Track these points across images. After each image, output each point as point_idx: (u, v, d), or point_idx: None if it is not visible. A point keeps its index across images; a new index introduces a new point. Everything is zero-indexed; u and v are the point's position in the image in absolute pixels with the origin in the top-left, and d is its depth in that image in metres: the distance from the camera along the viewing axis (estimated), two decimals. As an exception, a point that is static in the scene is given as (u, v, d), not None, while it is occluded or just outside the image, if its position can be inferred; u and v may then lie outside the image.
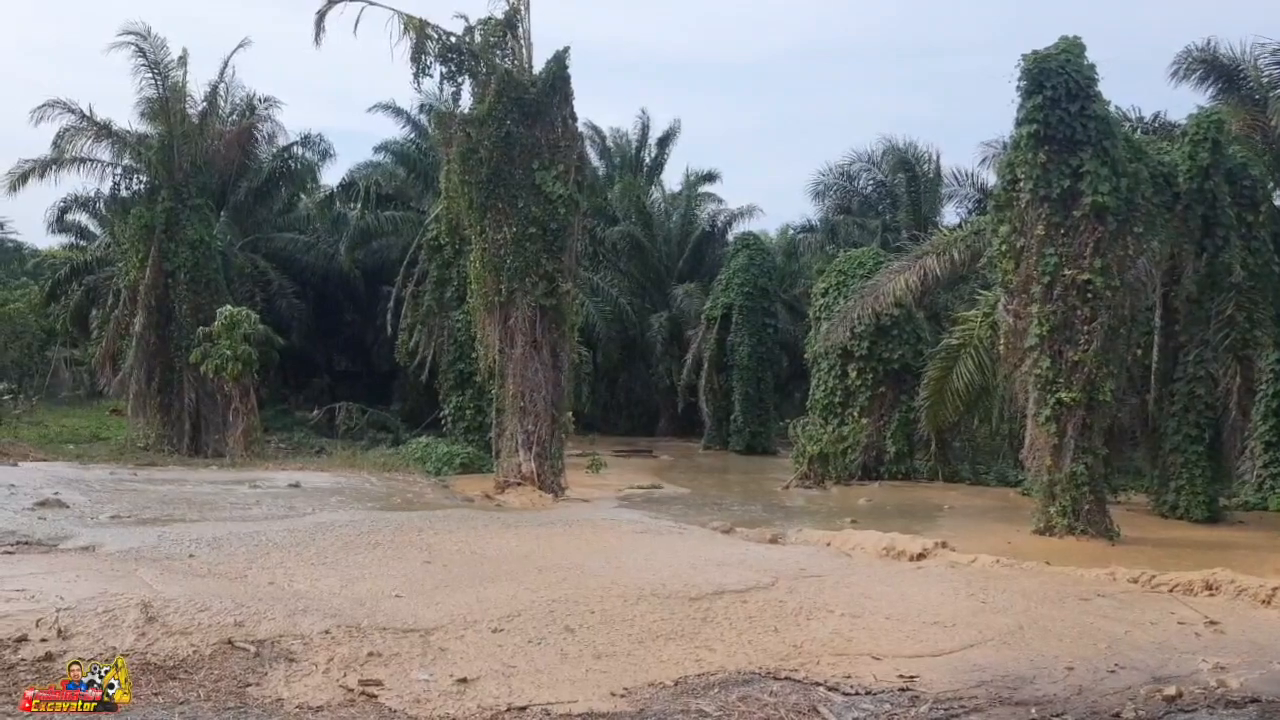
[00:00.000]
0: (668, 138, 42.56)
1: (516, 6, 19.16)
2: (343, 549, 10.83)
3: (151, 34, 27.23)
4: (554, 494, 17.92)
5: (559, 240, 18.73)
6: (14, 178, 28.28)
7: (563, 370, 19.06)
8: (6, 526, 11.21)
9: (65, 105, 27.36)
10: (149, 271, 26.51)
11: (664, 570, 10.24)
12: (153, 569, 9.22)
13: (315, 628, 7.45)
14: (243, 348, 24.31)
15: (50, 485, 15.19)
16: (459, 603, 8.50)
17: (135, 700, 6.02)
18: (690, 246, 39.31)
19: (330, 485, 17.81)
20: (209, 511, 13.77)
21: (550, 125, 18.95)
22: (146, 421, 27.21)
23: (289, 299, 32.72)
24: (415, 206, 32.88)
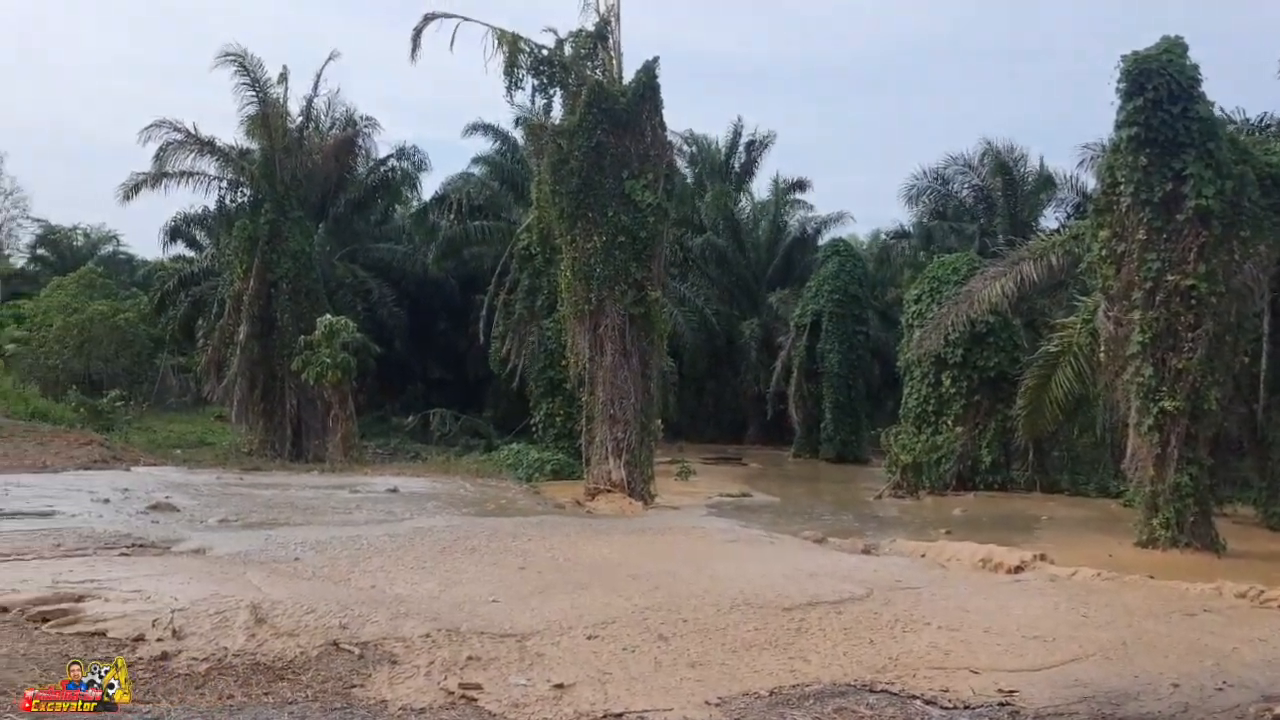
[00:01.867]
0: (756, 144, 42.43)
1: (607, 18, 19.40)
2: (440, 554, 11.07)
3: (249, 54, 28.21)
4: (644, 501, 18.02)
5: (648, 248, 18.86)
6: (126, 189, 29.57)
7: (652, 378, 19.17)
8: (123, 529, 11.70)
9: (171, 124, 28.50)
10: (253, 282, 27.43)
11: (756, 579, 10.24)
12: (260, 572, 9.55)
13: (416, 631, 7.62)
14: (341, 355, 24.96)
15: (161, 489, 15.79)
16: (554, 609, 8.62)
17: (245, 699, 6.24)
18: (780, 253, 39.16)
19: (426, 490, 18.17)
20: (312, 516, 14.18)
21: (640, 135, 19.11)
22: (250, 427, 28.16)
23: (389, 308, 33.45)
24: (506, 217, 33.37)
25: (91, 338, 33.99)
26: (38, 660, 6.65)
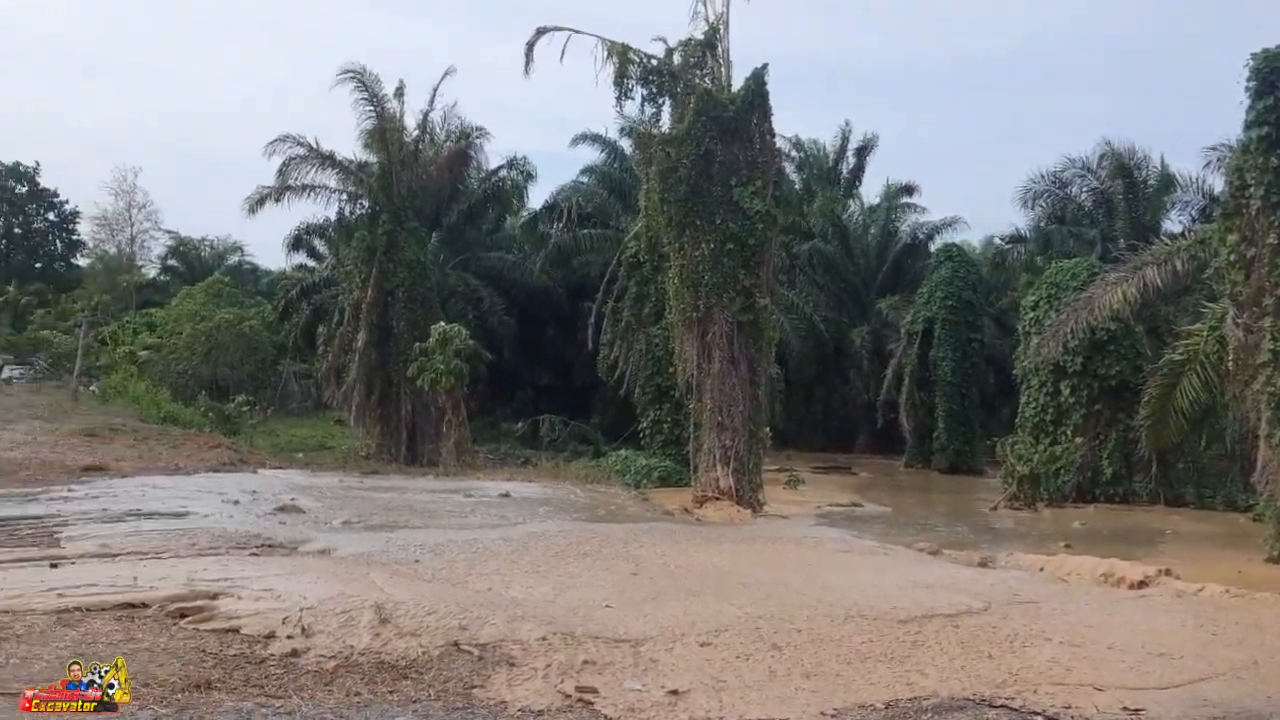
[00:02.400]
0: (865, 149, 42.01)
1: (716, 27, 19.46)
2: (554, 558, 11.24)
3: (367, 71, 29.12)
4: (752, 509, 17.96)
5: (756, 255, 18.84)
6: (251, 202, 30.79)
7: (760, 385, 19.13)
8: (252, 530, 12.17)
9: (295, 139, 29.58)
10: (370, 290, 28.27)
11: (870, 590, 10.14)
12: (383, 573, 9.83)
13: (533, 634, 7.76)
14: (454, 362, 25.51)
15: (287, 491, 16.36)
16: (667, 615, 8.68)
17: (372, 696, 6.44)
18: (890, 259, 38.67)
19: (538, 495, 18.44)
20: (429, 519, 14.54)
21: (749, 142, 19.11)
22: (367, 431, 29.01)
23: (499, 316, 34.08)
24: (615, 225, 33.67)
25: (218, 344, 35.47)
26: (177, 654, 6.94)
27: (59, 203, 55.46)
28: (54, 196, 55.36)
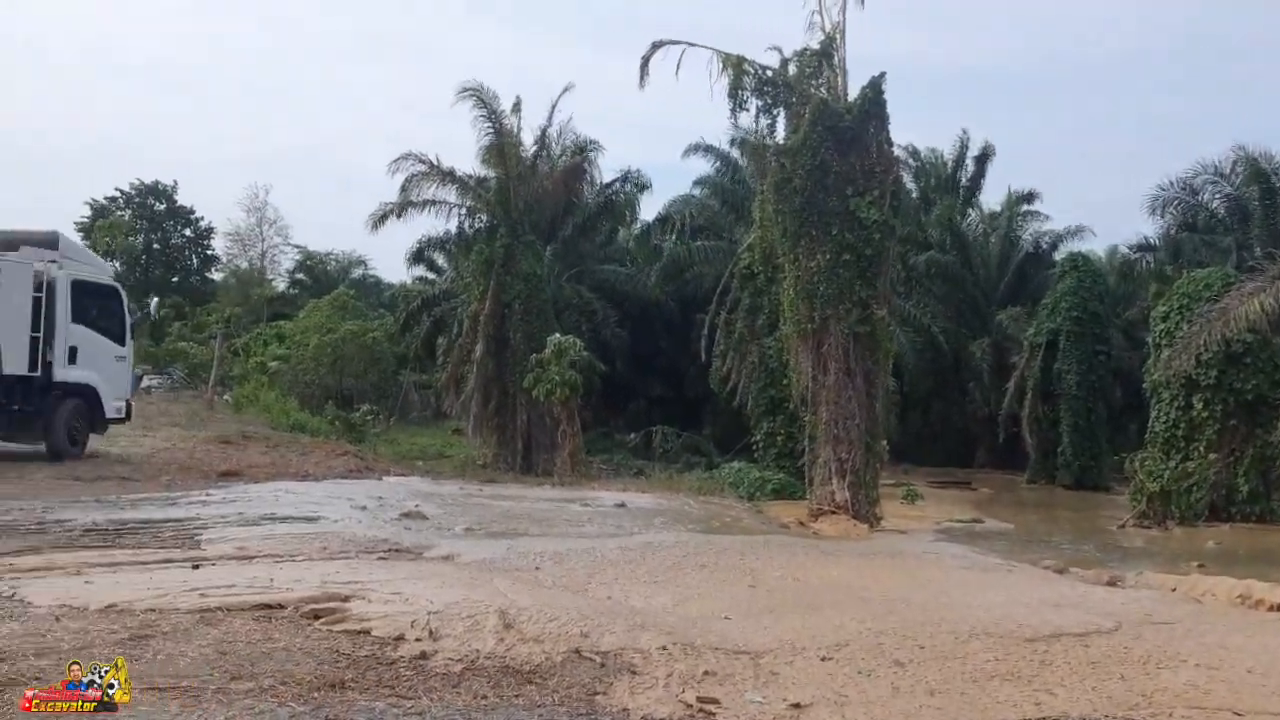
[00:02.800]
0: (984, 156, 41.15)
1: (832, 36, 19.35)
2: (672, 569, 11.28)
3: (485, 88, 29.83)
4: (869, 524, 17.75)
5: (873, 266, 18.64)
6: (374, 218, 31.84)
7: (877, 398, 18.90)
8: (380, 535, 12.51)
9: (416, 156, 30.50)
10: (488, 303, 28.89)
11: (994, 608, 9.91)
12: (505, 579, 10.01)
13: (653, 643, 7.80)
14: (569, 373, 25.83)
15: (411, 498, 16.77)
16: (786, 628, 8.64)
17: (498, 700, 6.56)
18: (1012, 269, 37.79)
19: (653, 506, 18.52)
20: (547, 527, 14.73)
21: (865, 151, 18.95)
22: (484, 441, 29.62)
23: (612, 328, 34.39)
24: (727, 236, 33.69)
25: (343, 355, 36.65)
26: (312, 654, 7.16)
27: (195, 219, 58.08)
28: (191, 213, 58.00)
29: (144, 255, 54.22)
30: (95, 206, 55.11)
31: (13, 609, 7.82)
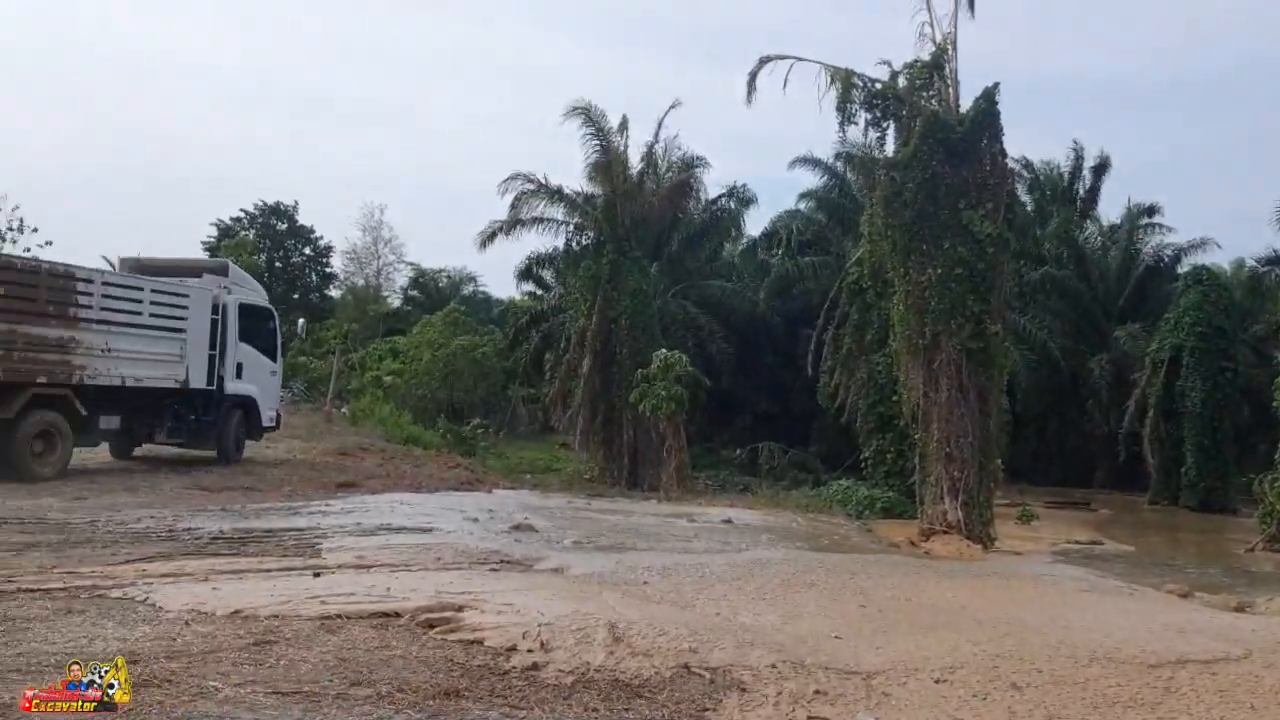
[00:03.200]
0: (1101, 168, 39.96)
1: (944, 48, 19.05)
2: (781, 586, 11.21)
3: (593, 106, 30.21)
4: (983, 544, 17.33)
5: (987, 281, 18.25)
6: (483, 236, 32.50)
7: (991, 415, 18.45)
8: (491, 547, 12.71)
9: (525, 176, 31.08)
10: (595, 318, 29.18)
11: (1115, 633, 9.59)
12: (614, 592, 10.08)
13: (762, 661, 7.76)
14: (675, 388, 25.89)
15: (520, 511, 17.01)
16: (898, 649, 8.50)
17: (608, 713, 6.60)
18: (1131, 284, 36.54)
19: (760, 523, 18.42)
20: (655, 542, 14.77)
21: (978, 164, 18.59)
22: (591, 455, 29.87)
23: (718, 343, 34.36)
24: (835, 251, 33.39)
25: (454, 370, 37.42)
26: (427, 663, 7.31)
27: (315, 238, 60.00)
28: (310, 232, 59.92)
29: (267, 273, 56.18)
30: (221, 227, 57.43)
31: (146, 613, 8.19)
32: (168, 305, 18.51)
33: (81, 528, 12.26)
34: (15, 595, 8.45)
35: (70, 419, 16.75)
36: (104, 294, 17.13)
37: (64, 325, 16.42)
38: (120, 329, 17.37)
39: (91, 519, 12.89)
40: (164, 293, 18.52)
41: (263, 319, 21.44)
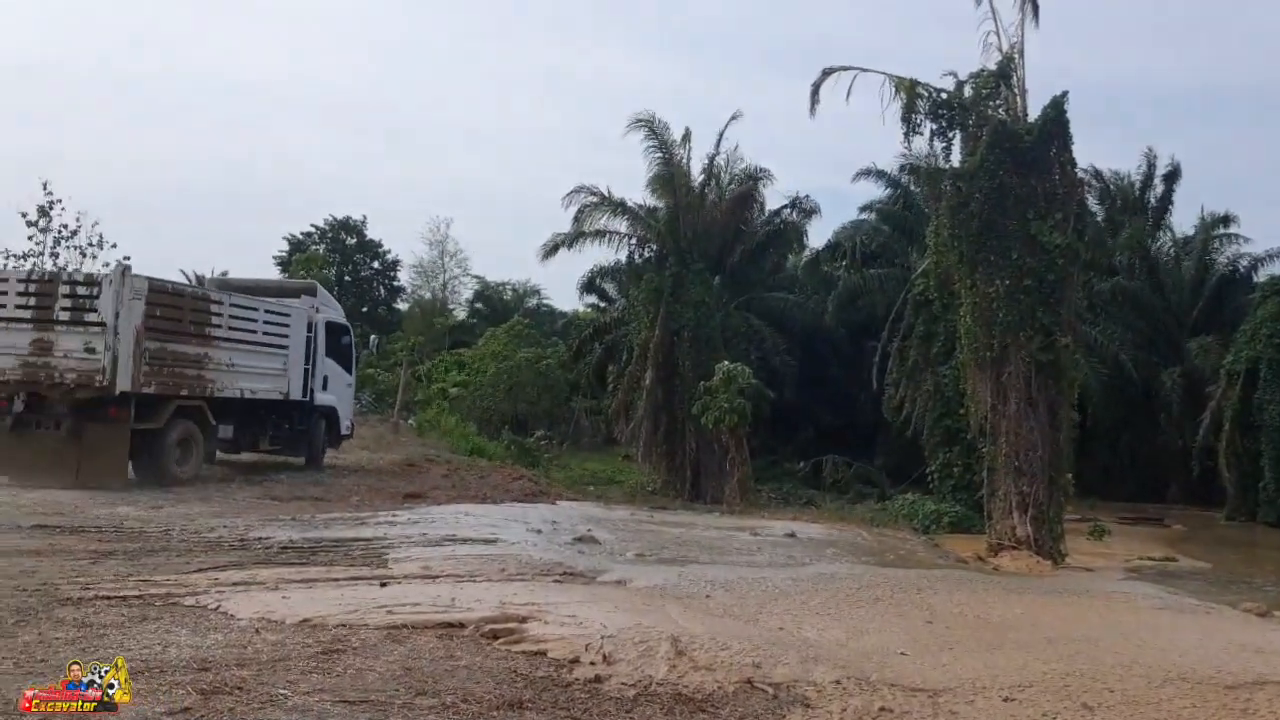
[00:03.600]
0: (1172, 176, 39.06)
1: (1010, 55, 18.83)
2: (845, 601, 11.10)
3: (657, 119, 30.34)
4: (1053, 560, 17.01)
5: (1056, 292, 17.97)
6: (545, 249, 32.76)
7: (1061, 429, 18.12)
8: (555, 558, 12.77)
9: (589, 189, 31.29)
10: (658, 331, 29.25)
11: (1191, 652, 9.34)
12: (677, 606, 10.06)
13: (826, 677, 7.69)
14: (738, 401, 25.83)
15: (583, 523, 17.07)
16: (965, 667, 8.37)
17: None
18: (1205, 295, 35.64)
19: (824, 537, 18.28)
20: (717, 555, 14.73)
21: (1046, 173, 18.33)
22: (653, 468, 29.89)
23: (781, 356, 34.17)
24: (900, 263, 33.08)
25: (519, 382, 37.70)
26: (491, 674, 7.36)
27: (383, 252, 60.97)
28: (378, 246, 60.90)
29: (336, 287, 57.20)
30: (293, 241, 58.64)
31: (217, 621, 8.36)
32: (276, 324, 20.17)
33: (157, 536, 12.57)
34: (93, 602, 8.69)
35: (202, 428, 18.44)
36: (230, 314, 18.85)
37: (200, 343, 18.10)
38: (241, 346, 19.08)
39: (166, 528, 13.21)
40: (273, 313, 20.23)
41: (341, 335, 22.90)
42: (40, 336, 16.58)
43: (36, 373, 16.57)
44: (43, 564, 10.33)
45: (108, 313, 16.37)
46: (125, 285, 16.57)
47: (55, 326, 16.59)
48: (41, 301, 16.72)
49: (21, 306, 16.75)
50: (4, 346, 16.61)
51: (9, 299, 16.83)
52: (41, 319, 16.64)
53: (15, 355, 16.58)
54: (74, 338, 16.50)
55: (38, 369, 16.56)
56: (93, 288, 16.63)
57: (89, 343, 16.41)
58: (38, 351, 16.55)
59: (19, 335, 16.62)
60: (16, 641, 7.31)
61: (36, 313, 16.70)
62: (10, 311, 16.75)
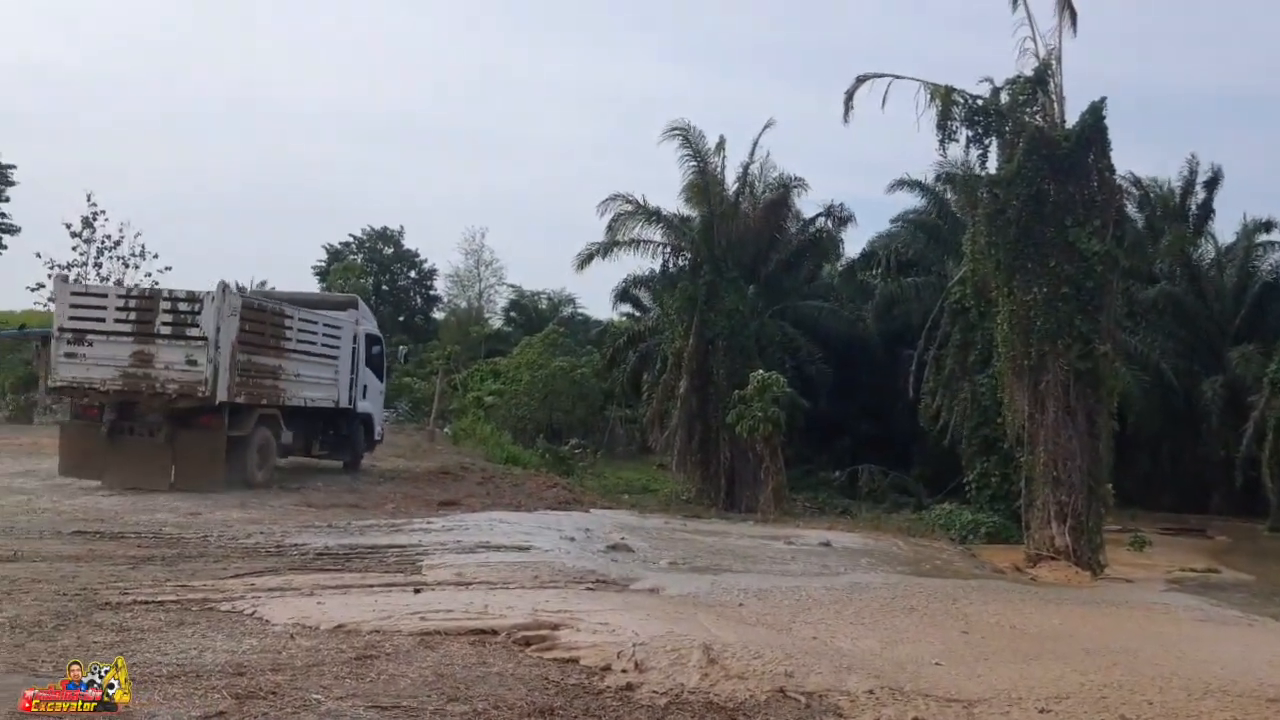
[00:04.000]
0: (1214, 182, 38.45)
1: (1047, 61, 18.66)
2: (879, 611, 11.03)
3: (691, 127, 30.31)
4: (1092, 571, 16.80)
5: (1095, 300, 17.75)
6: (580, 259, 32.78)
7: (1100, 438, 17.88)
8: (588, 566, 12.78)
9: (624, 197, 31.26)
10: (692, 339, 29.19)
11: (1232, 665, 9.19)
12: (709, 614, 10.03)
13: (860, 686, 7.64)
14: (772, 409, 25.71)
15: (617, 531, 17.07)
16: (1001, 677, 8.28)
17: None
18: (1248, 302, 35.05)
19: (859, 546, 18.16)
20: (750, 564, 14.68)
21: (1084, 180, 18.15)
22: (688, 476, 29.82)
23: (816, 364, 33.93)
24: (936, 270, 32.83)
25: (553, 391, 37.75)
26: (523, 680, 7.39)
27: (419, 262, 61.46)
28: (415, 256, 61.42)
29: (374, 296, 57.74)
30: (331, 251, 59.27)
31: (253, 626, 8.46)
32: (331, 336, 21.33)
33: (194, 542, 12.73)
34: (131, 607, 8.82)
35: (275, 435, 19.61)
36: (299, 328, 19.99)
37: (276, 355, 19.21)
38: (305, 358, 20.27)
39: (204, 534, 13.37)
40: (329, 325, 21.39)
41: (375, 345, 23.84)
42: (141, 349, 17.48)
43: (137, 383, 17.45)
44: (82, 569, 10.50)
45: (209, 328, 17.36)
46: (225, 302, 17.58)
47: (156, 340, 17.52)
48: (142, 316, 17.62)
49: (121, 321, 17.64)
50: (104, 358, 17.48)
51: (108, 314, 17.74)
52: (142, 333, 17.55)
53: (115, 366, 17.45)
54: (175, 350, 17.50)
55: (138, 380, 17.44)
56: (194, 304, 17.54)
57: (190, 355, 17.41)
58: (138, 363, 17.46)
59: (119, 348, 17.50)
60: (56, 645, 7.43)
61: (137, 327, 17.60)
62: (110, 325, 17.64)
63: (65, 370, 17.68)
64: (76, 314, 17.86)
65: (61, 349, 17.64)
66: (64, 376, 17.75)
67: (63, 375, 17.74)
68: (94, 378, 17.53)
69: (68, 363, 17.61)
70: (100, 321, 17.69)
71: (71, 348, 17.56)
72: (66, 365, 17.63)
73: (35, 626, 7.93)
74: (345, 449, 22.75)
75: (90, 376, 17.54)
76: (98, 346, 17.50)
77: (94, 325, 17.66)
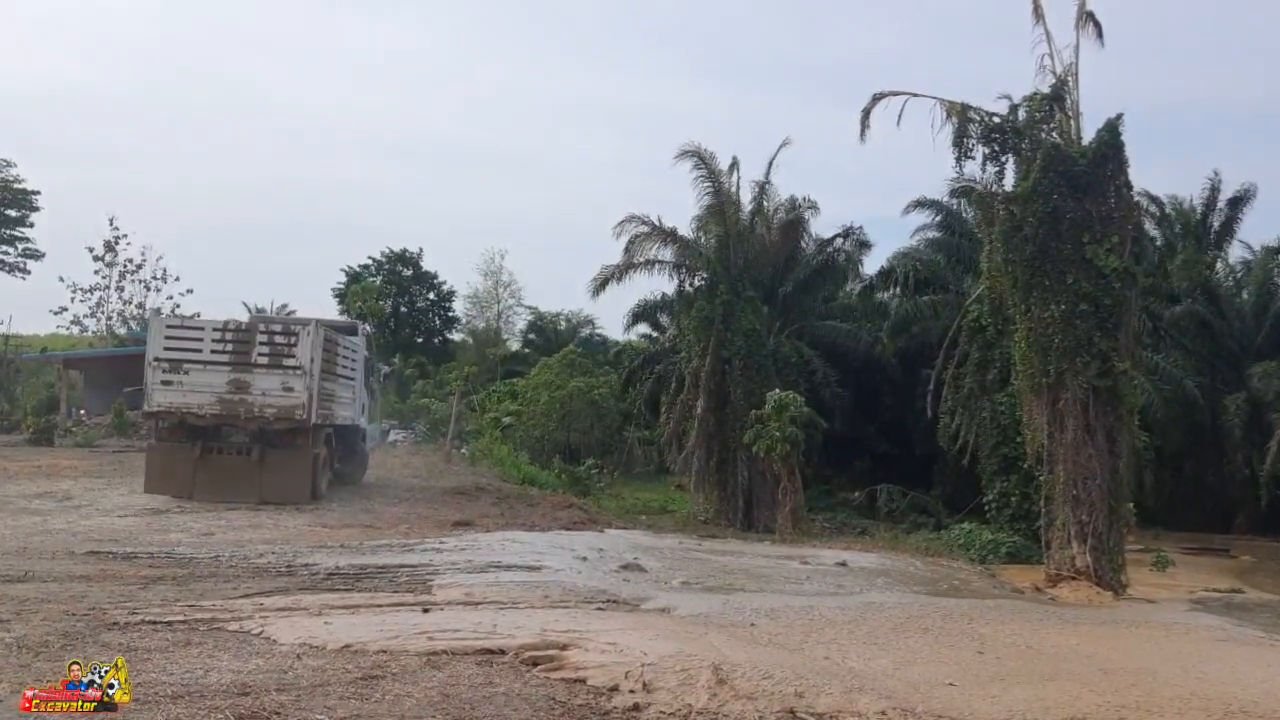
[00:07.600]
0: (1240, 200, 38.12)
1: (1064, 79, 18.58)
2: (893, 631, 10.90)
3: (704, 148, 30.30)
4: (1113, 591, 16.56)
5: (1113, 316, 17.59)
6: (596, 284, 32.69)
7: (1121, 457, 17.66)
8: (599, 586, 12.70)
9: (640, 219, 31.19)
10: (709, 359, 29.09)
11: (1254, 686, 9.02)
12: (720, 634, 9.94)
13: (871, 707, 7.52)
14: (790, 429, 25.56)
15: (630, 550, 16.99)
16: (1016, 698, 8.15)
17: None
18: (1269, 320, 34.68)
19: (876, 566, 17.99)
20: (765, 584, 14.56)
21: (1101, 196, 18.01)
22: (705, 496, 29.63)
23: (833, 385, 33.73)
24: (953, 289, 32.67)
25: (571, 411, 37.73)
26: (529, 700, 7.32)
27: (438, 283, 61.76)
28: (434, 278, 61.73)
29: (392, 318, 57.98)
30: (350, 273, 59.64)
31: (260, 646, 8.42)
32: (353, 359, 22.58)
33: (206, 562, 12.72)
34: (139, 627, 8.80)
35: (330, 451, 21.22)
36: (340, 352, 21.23)
37: (332, 380, 20.55)
38: (345, 381, 21.72)
39: (216, 554, 13.36)
40: (354, 350, 22.77)
41: (370, 366, 25.34)
42: (237, 377, 18.90)
43: (235, 408, 18.83)
44: (93, 589, 10.50)
45: (304, 358, 19.00)
46: (318, 335, 19.32)
47: (254, 369, 18.94)
48: (239, 348, 19.01)
49: (217, 351, 18.93)
50: (201, 386, 18.80)
51: (204, 345, 19.00)
52: (239, 362, 18.94)
53: (212, 393, 18.80)
54: (272, 378, 18.99)
55: (235, 405, 18.82)
56: (290, 337, 19.21)
57: (286, 382, 18.97)
58: (234, 390, 18.85)
59: (215, 375, 18.85)
60: (61, 665, 7.39)
61: (234, 356, 18.95)
62: (206, 355, 18.91)
63: (161, 396, 18.82)
64: (172, 344, 19.08)
65: (158, 377, 18.79)
66: (160, 402, 18.87)
67: (159, 401, 18.87)
68: (190, 403, 18.79)
69: (164, 389, 18.78)
70: (197, 351, 18.93)
71: (168, 375, 18.77)
72: (163, 392, 18.80)
73: (42, 646, 7.92)
74: (353, 463, 23.79)
75: (187, 402, 18.78)
76: (194, 374, 18.78)
77: (190, 355, 18.89)
